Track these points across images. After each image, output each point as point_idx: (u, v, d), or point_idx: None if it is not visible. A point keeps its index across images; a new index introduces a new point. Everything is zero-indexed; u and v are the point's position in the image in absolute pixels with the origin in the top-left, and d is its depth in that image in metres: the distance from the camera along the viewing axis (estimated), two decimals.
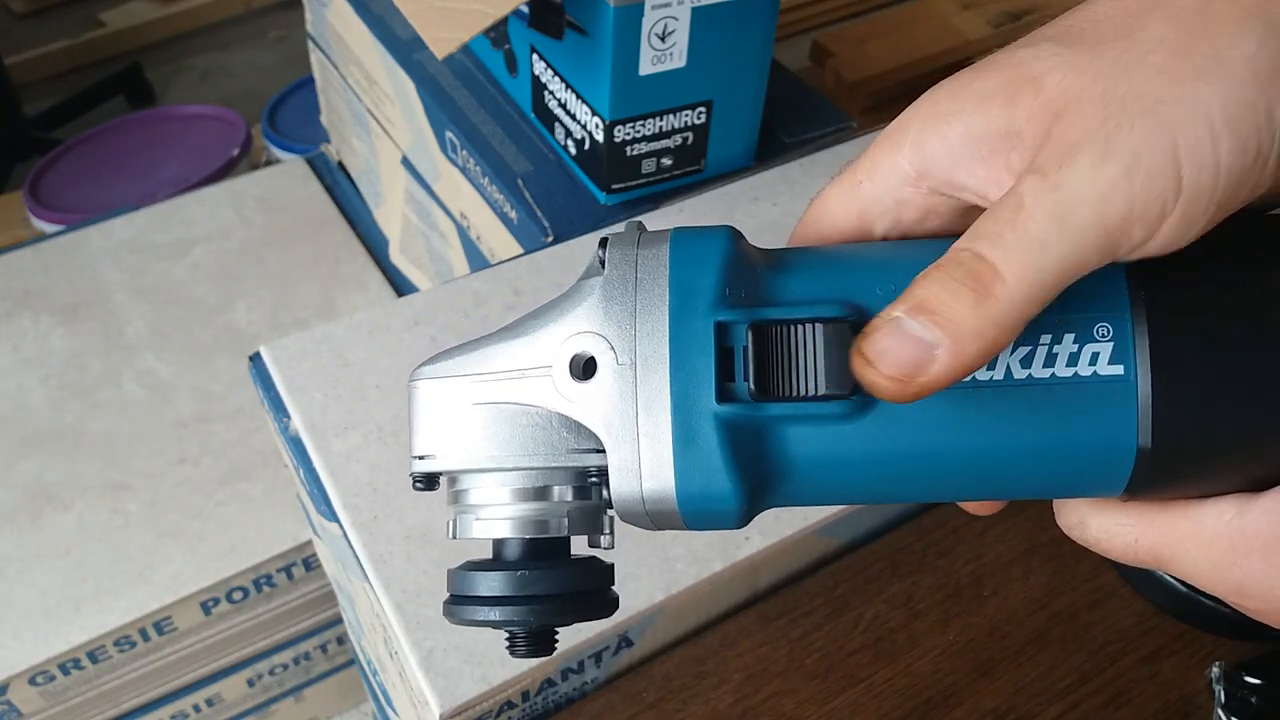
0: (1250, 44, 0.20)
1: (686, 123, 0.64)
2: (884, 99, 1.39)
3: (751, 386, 0.23)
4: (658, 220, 0.64)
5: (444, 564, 0.49)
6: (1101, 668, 0.53)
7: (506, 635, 0.27)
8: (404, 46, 0.78)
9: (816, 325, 0.22)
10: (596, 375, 0.24)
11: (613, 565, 0.27)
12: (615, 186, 0.65)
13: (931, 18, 1.45)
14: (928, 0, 1.47)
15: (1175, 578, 0.54)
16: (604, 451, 0.24)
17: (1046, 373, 0.22)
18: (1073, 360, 0.22)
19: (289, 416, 0.54)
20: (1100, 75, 0.21)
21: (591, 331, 0.24)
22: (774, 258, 0.25)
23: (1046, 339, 0.22)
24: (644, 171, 0.65)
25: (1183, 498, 0.24)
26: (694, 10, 0.58)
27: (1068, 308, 0.22)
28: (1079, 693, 0.52)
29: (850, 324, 0.22)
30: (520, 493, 0.25)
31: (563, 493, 0.26)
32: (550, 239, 0.65)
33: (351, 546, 0.50)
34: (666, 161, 0.65)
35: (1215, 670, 0.51)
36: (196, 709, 0.91)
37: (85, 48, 2.21)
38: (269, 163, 1.44)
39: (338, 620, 0.92)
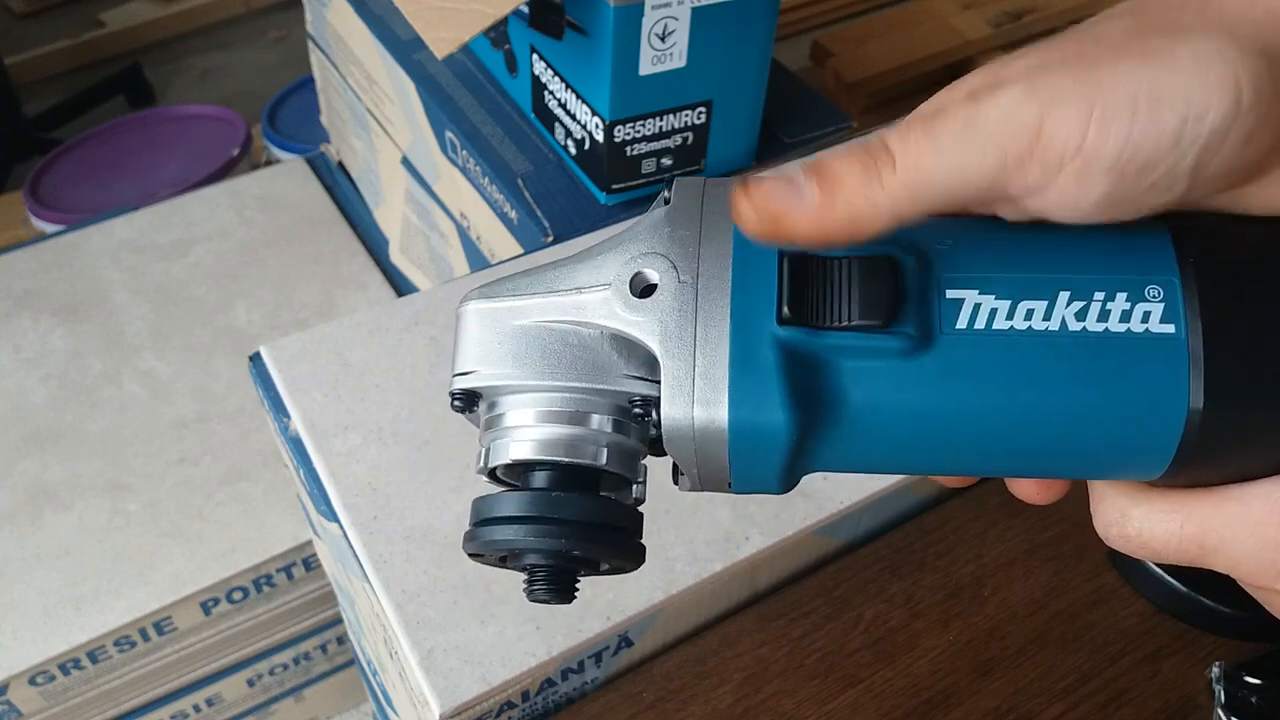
0: (1207, 47, 0.21)
1: (686, 123, 0.64)
2: (884, 99, 1.39)
3: (784, 308, 0.23)
4: None
5: (444, 564, 0.49)
6: (1101, 668, 0.53)
7: (526, 574, 0.26)
8: (404, 46, 0.78)
9: (854, 260, 0.23)
10: (657, 293, 0.24)
11: (642, 515, 0.27)
12: (615, 186, 0.65)
13: (931, 18, 1.45)
14: (928, 0, 1.48)
15: (1175, 577, 0.54)
16: (654, 381, 0.24)
17: (1100, 327, 0.23)
18: (1125, 317, 0.23)
19: (289, 416, 0.54)
20: (1055, 47, 0.22)
21: (656, 253, 0.24)
22: None
23: (1100, 295, 0.23)
24: (644, 171, 0.65)
25: (1227, 480, 0.24)
26: (694, 10, 0.58)
27: (1120, 268, 0.23)
28: (1079, 693, 0.52)
29: (890, 260, 0.23)
30: (558, 415, 0.25)
31: (602, 422, 0.25)
32: (550, 239, 0.65)
33: (351, 546, 0.50)
34: (666, 161, 0.65)
35: (1215, 670, 0.51)
36: (196, 709, 0.91)
37: (85, 48, 2.21)
38: (269, 163, 1.44)
39: (338, 620, 0.92)
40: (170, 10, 2.28)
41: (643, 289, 0.24)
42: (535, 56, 0.67)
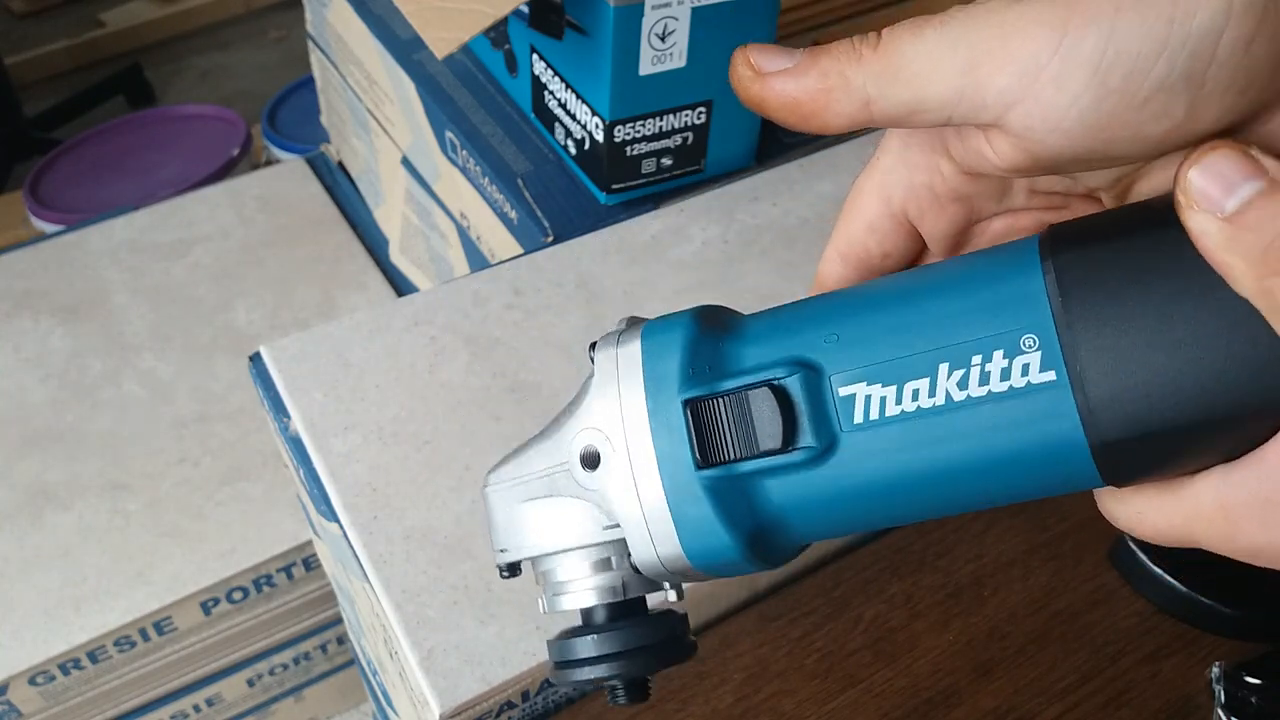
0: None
1: (686, 123, 0.64)
2: None
3: (696, 455, 0.26)
4: (658, 220, 0.64)
5: (444, 564, 0.49)
6: (1101, 668, 0.53)
7: (607, 692, 0.30)
8: (404, 46, 0.78)
9: (746, 393, 0.26)
10: (601, 465, 0.28)
11: (686, 615, 0.31)
12: (615, 186, 0.65)
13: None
14: (927, 0, 1.48)
15: (1175, 577, 0.54)
16: None
17: (983, 390, 0.24)
18: (1005, 374, 0.23)
19: (289, 416, 0.54)
20: None
21: (591, 427, 0.28)
22: (742, 326, 0.28)
23: (977, 359, 0.24)
24: (644, 171, 0.65)
25: (1172, 476, 0.24)
26: (694, 10, 0.58)
27: (991, 327, 0.23)
28: (1079, 693, 0.52)
29: (775, 387, 0.25)
30: (587, 567, 0.30)
31: (619, 561, 0.29)
32: (550, 239, 0.65)
33: (351, 546, 0.50)
34: (666, 161, 0.65)
35: (1215, 670, 0.51)
36: (196, 709, 0.91)
37: (85, 48, 2.21)
38: (269, 163, 1.44)
39: (338, 620, 0.92)
40: (170, 10, 2.28)
41: (591, 461, 0.28)
42: (535, 56, 0.67)
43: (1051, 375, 0.23)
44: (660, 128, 0.63)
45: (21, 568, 0.80)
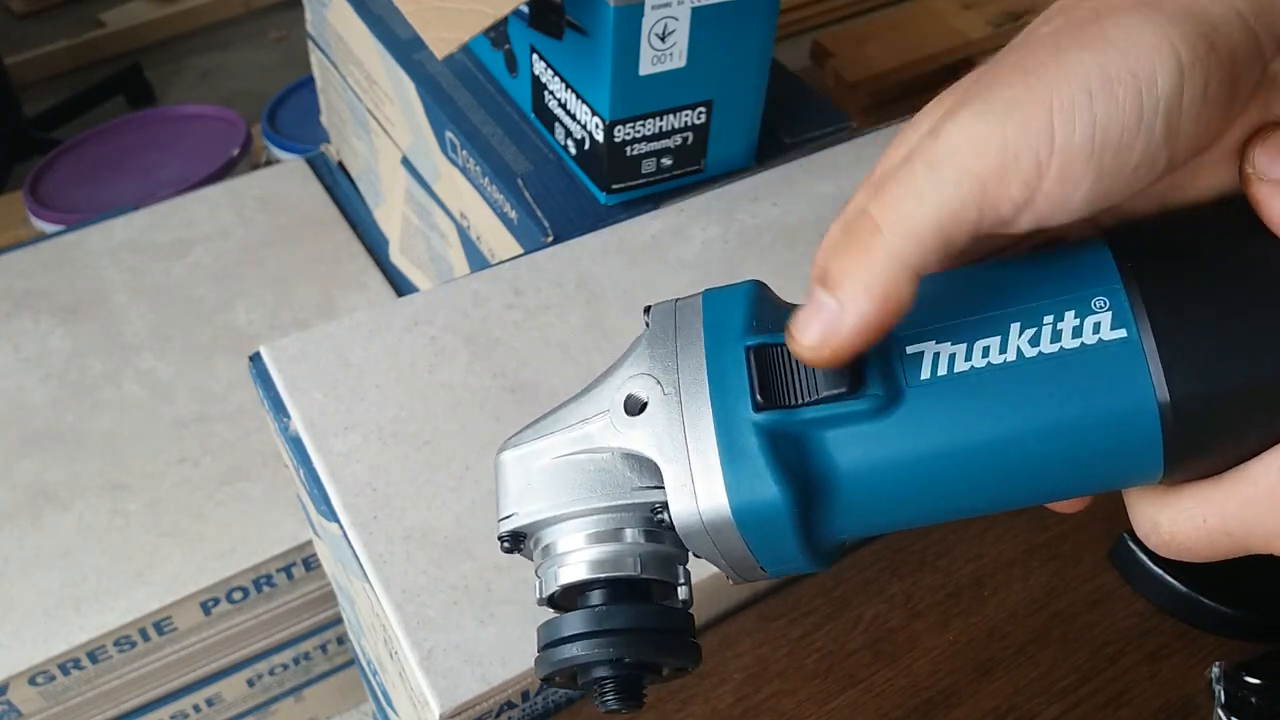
0: (1134, 19, 0.21)
1: (686, 123, 0.64)
2: (884, 99, 1.39)
3: (756, 395, 0.25)
4: (658, 220, 0.64)
5: (444, 564, 0.49)
6: (1101, 668, 0.53)
7: (595, 689, 0.28)
8: (404, 46, 0.78)
9: None
10: (648, 409, 0.26)
11: (693, 616, 0.29)
12: (615, 186, 0.65)
13: (931, 18, 1.45)
14: (927, 0, 1.48)
15: (1175, 577, 0.54)
16: (664, 488, 0.26)
17: (1054, 347, 0.24)
18: (1076, 332, 0.24)
19: (289, 416, 0.54)
20: (996, 63, 0.23)
21: (640, 374, 0.27)
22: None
23: (1049, 318, 0.24)
24: (644, 171, 0.65)
25: (1228, 464, 0.24)
26: (694, 10, 0.58)
27: (1064, 289, 0.24)
28: (1079, 693, 0.52)
29: None
30: (594, 536, 0.27)
31: (635, 535, 0.27)
32: (550, 239, 0.65)
33: (351, 546, 0.50)
34: (666, 161, 0.65)
35: (1215, 670, 0.51)
36: (196, 709, 0.91)
37: (85, 48, 2.21)
38: (269, 163, 1.44)
39: (338, 620, 0.92)
40: (170, 10, 2.28)
41: (636, 408, 0.27)
42: (535, 56, 0.67)
43: (1123, 333, 0.23)
44: (660, 128, 0.63)
45: (21, 568, 0.80)
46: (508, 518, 0.28)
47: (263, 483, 0.85)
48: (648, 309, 0.28)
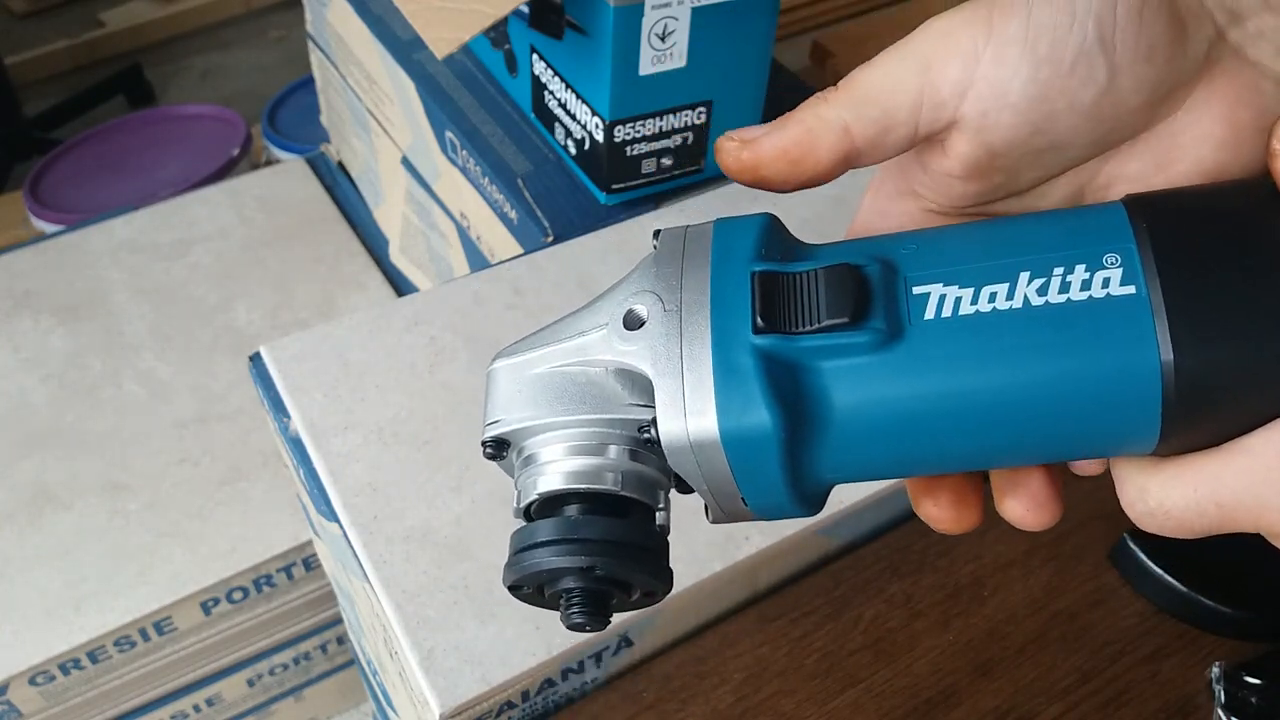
0: None
1: (686, 123, 0.64)
2: None
3: (756, 318, 0.25)
4: (658, 220, 0.64)
5: (444, 564, 0.49)
6: (1101, 668, 0.53)
7: (562, 600, 0.28)
8: (404, 46, 0.78)
9: (819, 269, 0.25)
10: (646, 324, 0.26)
11: (668, 544, 0.29)
12: (615, 186, 0.65)
13: (931, 17, 1.45)
14: (927, 0, 1.48)
15: (1175, 577, 0.54)
16: (654, 406, 0.25)
17: (1062, 298, 0.24)
18: (1085, 285, 0.24)
19: (289, 416, 0.54)
20: None
21: (644, 290, 0.26)
22: (815, 246, 0.27)
23: (1059, 270, 0.24)
24: (644, 171, 0.65)
25: (1226, 436, 0.24)
26: (694, 10, 0.58)
27: (1077, 244, 0.24)
28: (1079, 693, 0.52)
29: (852, 266, 0.25)
30: (576, 448, 0.27)
31: (619, 452, 0.27)
32: (550, 239, 0.65)
33: (351, 546, 0.50)
34: (666, 161, 0.65)
35: (1215, 670, 0.51)
36: (196, 709, 0.91)
37: (85, 48, 2.21)
38: (269, 163, 1.44)
39: (338, 620, 0.92)
40: (170, 10, 2.28)
41: (635, 323, 0.26)
42: (535, 56, 0.67)
43: (1131, 290, 0.23)
44: (660, 128, 0.63)
45: (21, 568, 0.80)
46: (493, 423, 0.28)
47: (263, 483, 0.85)
48: (657, 233, 0.28)
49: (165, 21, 2.28)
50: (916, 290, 0.25)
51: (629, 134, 0.62)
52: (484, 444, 0.28)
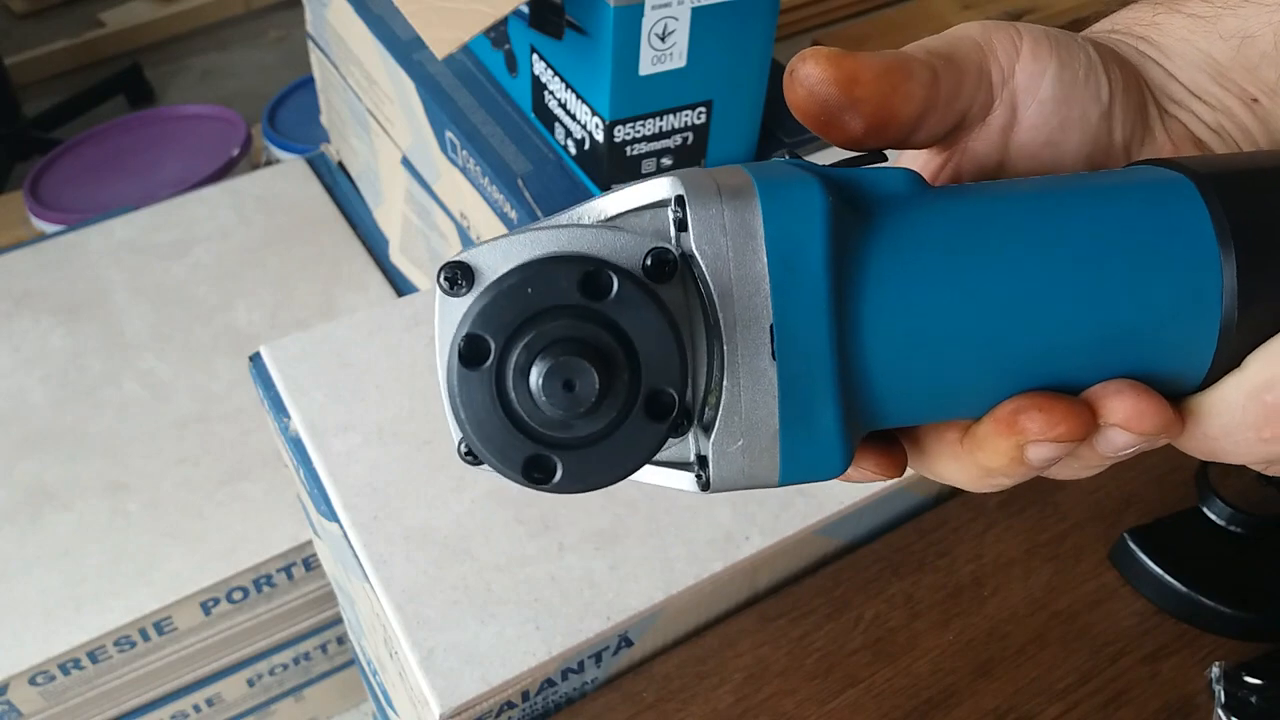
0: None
1: (686, 123, 0.64)
2: None
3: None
4: None
5: (444, 564, 0.49)
6: (1101, 668, 0.53)
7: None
8: (404, 46, 0.78)
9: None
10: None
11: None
12: (615, 186, 0.65)
13: (931, 18, 1.45)
14: (927, 0, 1.48)
15: (1175, 578, 0.54)
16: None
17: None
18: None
19: (289, 416, 0.54)
20: None
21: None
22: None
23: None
24: (644, 172, 0.65)
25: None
26: (694, 10, 0.58)
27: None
28: (1079, 693, 0.52)
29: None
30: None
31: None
32: None
33: (351, 546, 0.50)
34: (666, 161, 0.65)
35: (1215, 670, 0.51)
36: (196, 709, 0.91)
37: (85, 48, 2.21)
38: (269, 163, 1.44)
39: (338, 620, 0.92)
40: (170, 10, 2.28)
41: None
42: (535, 56, 0.67)
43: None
44: (660, 128, 0.63)
45: (21, 568, 0.80)
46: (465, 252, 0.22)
47: (263, 483, 0.85)
48: (680, 200, 0.22)
49: (165, 21, 2.28)
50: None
51: (629, 134, 0.62)
52: (441, 269, 0.22)
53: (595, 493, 0.26)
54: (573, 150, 0.68)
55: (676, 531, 0.51)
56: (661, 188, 0.22)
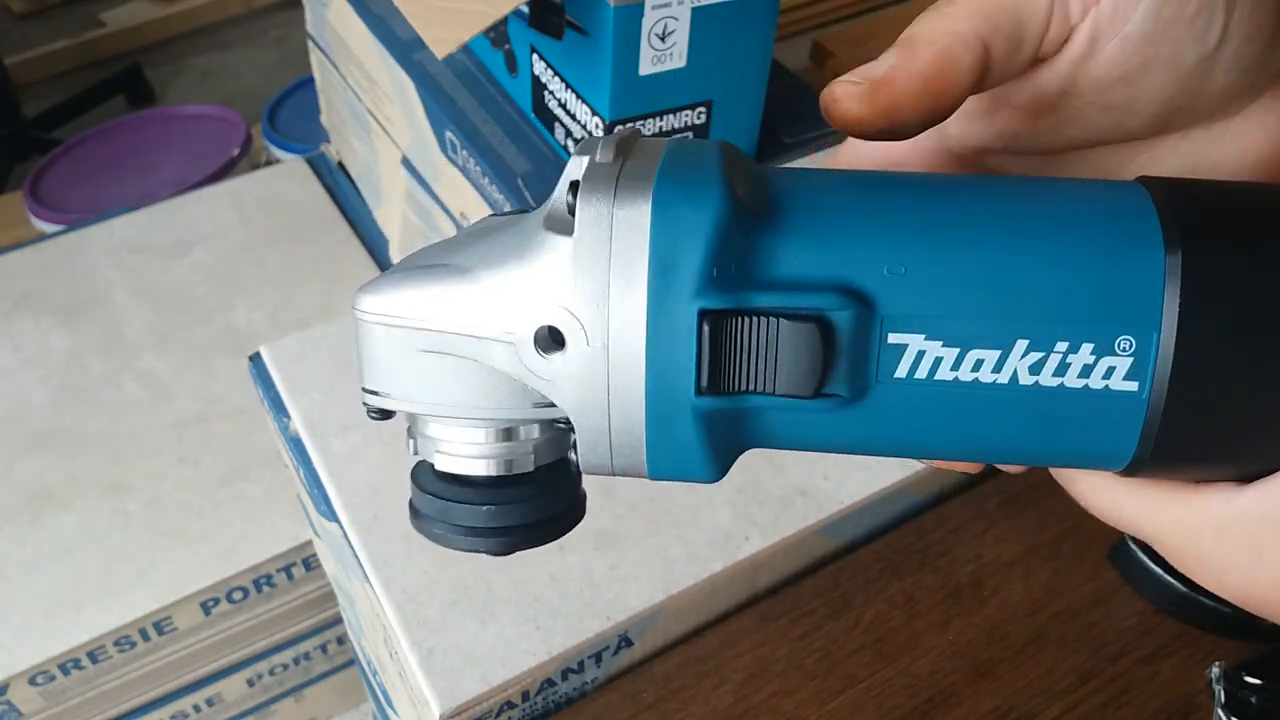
0: None
1: (686, 123, 0.64)
2: None
3: (701, 379, 0.21)
4: None
5: (444, 564, 0.49)
6: (1101, 668, 0.53)
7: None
8: (404, 46, 0.78)
9: (780, 320, 0.21)
10: (565, 351, 0.22)
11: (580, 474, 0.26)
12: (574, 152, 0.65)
13: None
14: (927, 1, 1.47)
15: (1176, 578, 0.54)
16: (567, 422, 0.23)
17: (1055, 381, 0.21)
18: (1085, 372, 0.21)
19: (289, 416, 0.54)
20: None
21: (560, 305, 0.22)
22: (782, 205, 0.22)
23: (1062, 347, 0.21)
24: None
25: (1176, 481, 0.23)
26: (694, 10, 0.58)
27: (1092, 317, 0.21)
28: (1079, 693, 0.52)
29: (820, 321, 0.21)
30: (488, 434, 0.24)
31: (529, 431, 0.25)
32: None
33: (351, 546, 0.50)
34: None
35: (1215, 670, 0.51)
36: (196, 709, 0.91)
37: (85, 48, 2.21)
38: (269, 163, 1.44)
39: (338, 620, 0.92)
40: (170, 10, 2.28)
41: (550, 346, 0.22)
42: (535, 56, 0.67)
43: (1134, 387, 0.21)
44: (660, 128, 0.63)
45: (21, 568, 0.80)
46: (377, 395, 0.25)
47: (263, 483, 0.85)
48: (574, 186, 0.22)
49: (165, 21, 2.28)
50: (893, 339, 0.21)
51: None
52: (366, 407, 0.26)
53: (595, 493, 0.27)
54: (572, 150, 0.68)
55: (676, 532, 0.51)
56: (576, 167, 0.23)
